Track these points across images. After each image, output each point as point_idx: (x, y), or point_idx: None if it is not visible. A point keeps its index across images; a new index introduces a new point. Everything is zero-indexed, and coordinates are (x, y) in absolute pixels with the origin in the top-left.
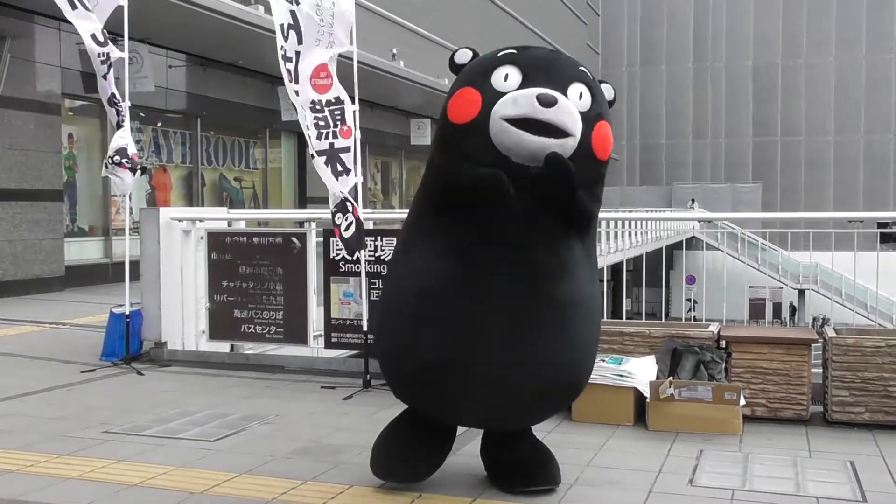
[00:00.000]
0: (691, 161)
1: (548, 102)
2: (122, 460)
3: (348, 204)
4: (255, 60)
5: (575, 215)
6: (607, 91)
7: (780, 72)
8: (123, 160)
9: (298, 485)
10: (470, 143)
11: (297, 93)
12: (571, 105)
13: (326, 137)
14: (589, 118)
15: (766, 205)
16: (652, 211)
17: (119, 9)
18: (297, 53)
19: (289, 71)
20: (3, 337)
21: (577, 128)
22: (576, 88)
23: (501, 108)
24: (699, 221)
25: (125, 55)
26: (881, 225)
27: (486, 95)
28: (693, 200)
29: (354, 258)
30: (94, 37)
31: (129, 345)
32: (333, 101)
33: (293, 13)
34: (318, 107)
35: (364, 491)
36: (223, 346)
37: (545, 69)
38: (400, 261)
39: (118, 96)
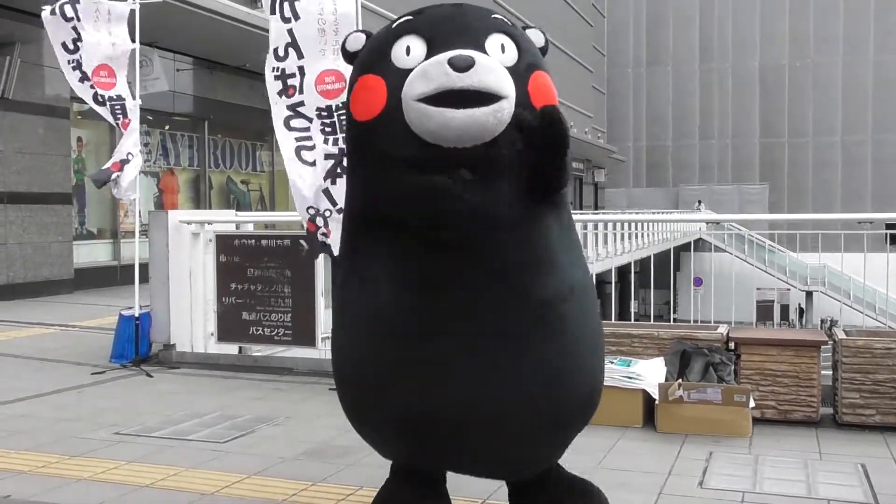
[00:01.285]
0: (698, 162)
1: (463, 66)
2: (132, 461)
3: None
4: (261, 63)
5: (556, 185)
6: (535, 36)
7: (787, 72)
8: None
9: (309, 486)
10: (387, 140)
11: (303, 103)
12: (493, 61)
13: (336, 143)
14: (519, 72)
15: (773, 206)
16: (658, 213)
17: (131, 13)
18: (301, 68)
19: (294, 86)
20: (13, 339)
21: (507, 86)
22: (495, 41)
23: (410, 89)
24: (706, 223)
25: (136, 46)
26: (890, 226)
27: (389, 78)
28: (700, 202)
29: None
30: (64, 45)
31: (138, 347)
32: (341, 105)
33: (290, 31)
34: (324, 113)
35: (374, 493)
36: (231, 349)
37: (452, 29)
38: (346, 290)
39: (124, 96)
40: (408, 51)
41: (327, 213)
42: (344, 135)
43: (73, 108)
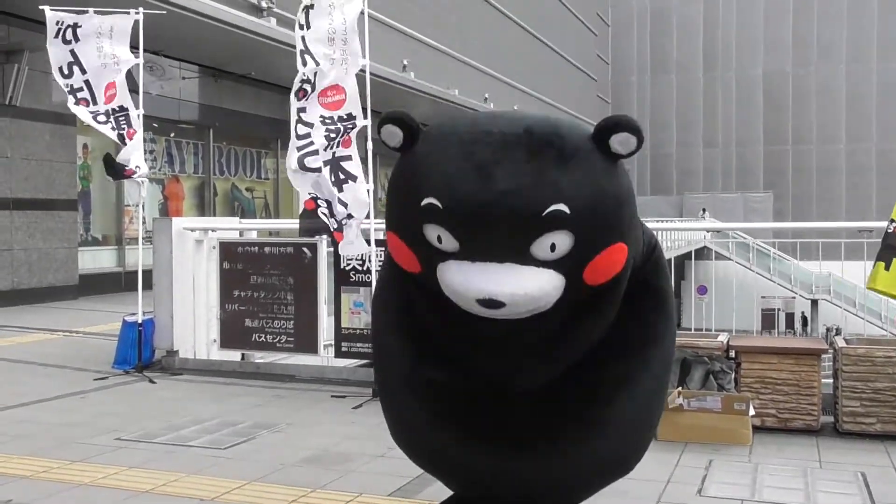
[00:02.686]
0: (702, 170)
1: (492, 307)
2: (133, 467)
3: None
4: (266, 72)
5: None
6: (622, 146)
7: (791, 80)
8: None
9: (308, 493)
10: (426, 286)
11: (304, 110)
12: (530, 294)
13: (332, 148)
14: (572, 262)
15: (778, 214)
16: (663, 220)
17: (134, 26)
18: (315, 74)
19: (304, 90)
20: (17, 344)
21: (549, 298)
22: (545, 242)
23: (445, 288)
24: (710, 231)
25: (140, 61)
26: None
27: (422, 256)
28: (704, 210)
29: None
30: (60, 69)
31: (141, 353)
32: (346, 116)
33: (303, 38)
34: (328, 121)
35: (374, 499)
36: (234, 355)
37: (480, 234)
38: (380, 322)
39: (126, 106)
40: (439, 240)
41: (343, 222)
42: (342, 139)
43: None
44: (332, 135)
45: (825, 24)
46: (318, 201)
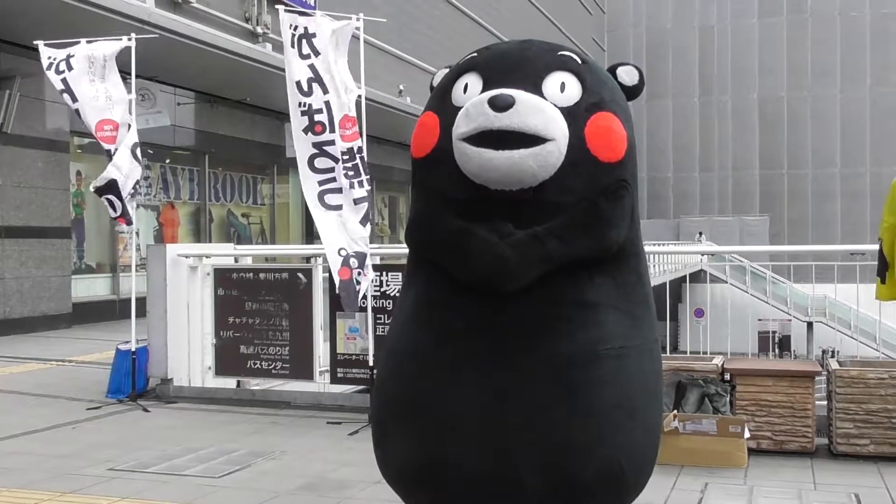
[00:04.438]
0: (698, 194)
1: (502, 105)
2: (126, 497)
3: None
4: (262, 97)
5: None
6: (626, 74)
7: (786, 104)
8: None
9: None
10: (438, 179)
11: (333, 142)
12: (538, 101)
13: (361, 185)
14: (577, 112)
15: (774, 237)
16: (660, 244)
17: (125, 50)
18: (327, 104)
19: (321, 122)
20: (9, 374)
21: (554, 128)
22: (555, 79)
23: (455, 128)
24: (706, 255)
25: (132, 96)
26: None
27: (444, 117)
28: (701, 233)
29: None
30: (63, 94)
31: (135, 382)
32: (357, 149)
33: (312, 66)
34: (346, 156)
35: None
36: (229, 383)
37: (509, 66)
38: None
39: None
40: (465, 88)
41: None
42: (368, 176)
43: (72, 142)
44: (350, 172)
45: (819, 49)
46: (351, 260)
